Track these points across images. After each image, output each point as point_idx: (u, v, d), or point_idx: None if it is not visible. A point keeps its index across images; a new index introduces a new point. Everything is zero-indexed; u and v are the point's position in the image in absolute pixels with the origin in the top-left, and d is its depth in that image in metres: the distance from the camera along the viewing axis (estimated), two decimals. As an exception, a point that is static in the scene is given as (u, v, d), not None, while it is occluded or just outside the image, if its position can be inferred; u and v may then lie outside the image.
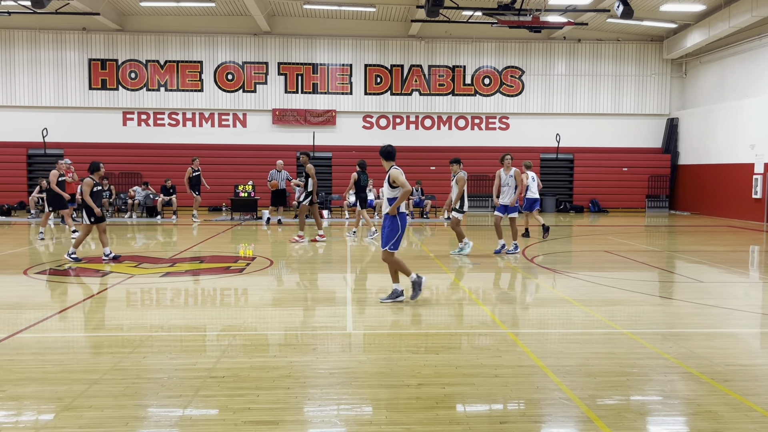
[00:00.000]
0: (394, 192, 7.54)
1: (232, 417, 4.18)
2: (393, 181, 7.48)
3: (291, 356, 5.53)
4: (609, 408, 4.41)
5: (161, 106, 24.29)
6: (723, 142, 22.29)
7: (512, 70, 25.11)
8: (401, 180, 7.43)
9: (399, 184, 7.46)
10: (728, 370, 5.22)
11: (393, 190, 7.53)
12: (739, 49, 21.64)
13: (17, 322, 6.73)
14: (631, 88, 25.42)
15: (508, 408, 4.43)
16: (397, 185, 7.49)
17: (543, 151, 25.32)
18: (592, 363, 5.38)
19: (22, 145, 23.57)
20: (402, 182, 7.43)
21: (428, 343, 6.00)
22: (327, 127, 24.67)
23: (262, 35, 24.28)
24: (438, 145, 24.77)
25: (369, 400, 4.55)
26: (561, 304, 7.85)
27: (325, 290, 8.95)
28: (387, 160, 7.69)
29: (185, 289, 8.77)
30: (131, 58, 24.05)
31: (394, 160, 7.72)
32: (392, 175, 7.49)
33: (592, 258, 12.32)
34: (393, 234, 7.55)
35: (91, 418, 4.14)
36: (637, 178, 25.12)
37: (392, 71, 24.76)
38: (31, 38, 23.67)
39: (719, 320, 7.11)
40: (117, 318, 6.92)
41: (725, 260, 11.86)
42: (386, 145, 7.78)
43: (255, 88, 24.48)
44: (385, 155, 7.69)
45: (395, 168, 7.57)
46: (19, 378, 4.89)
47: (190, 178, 19.31)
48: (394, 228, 7.55)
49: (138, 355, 5.50)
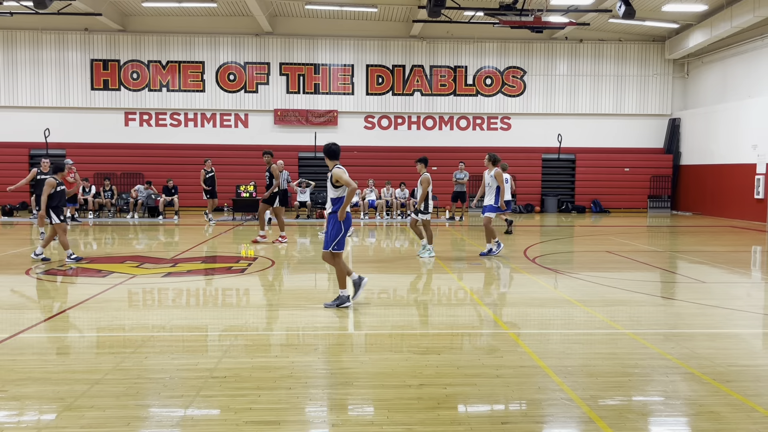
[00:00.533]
0: (338, 192, 7.35)
1: (233, 417, 4.18)
2: (336, 180, 7.28)
3: (293, 356, 5.53)
4: (611, 408, 4.41)
5: (163, 107, 24.32)
6: (725, 142, 22.26)
7: (514, 70, 25.10)
8: (345, 179, 7.23)
9: (343, 183, 7.27)
10: (730, 370, 5.21)
11: (336, 189, 7.35)
12: (741, 49, 21.61)
13: (19, 322, 6.74)
14: (633, 89, 25.39)
15: (510, 408, 4.43)
16: (341, 184, 7.30)
17: (545, 152, 25.30)
18: (593, 363, 5.38)
19: (24, 146, 23.60)
20: (346, 181, 7.23)
21: (430, 344, 5.99)
22: (329, 128, 24.67)
23: (263, 35, 24.29)
24: (439, 145, 24.76)
25: (370, 400, 4.55)
26: (563, 304, 7.85)
27: (327, 290, 8.94)
28: (331, 159, 7.47)
29: (187, 289, 8.78)
30: (133, 59, 24.07)
31: (338, 159, 7.52)
32: (335, 174, 7.27)
33: (594, 258, 12.31)
34: (337, 234, 7.37)
35: (93, 418, 4.15)
36: (639, 179, 25.08)
37: (394, 71, 24.76)
38: (34, 39, 23.70)
39: (721, 321, 7.10)
40: (119, 318, 6.92)
41: (727, 261, 11.84)
42: (330, 143, 7.56)
43: (257, 88, 24.49)
44: (329, 154, 7.48)
45: (338, 167, 7.35)
46: (21, 378, 4.90)
47: (204, 180, 19.37)
48: (337, 228, 7.37)
49: (140, 356, 5.51)
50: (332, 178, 7.31)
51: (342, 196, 7.33)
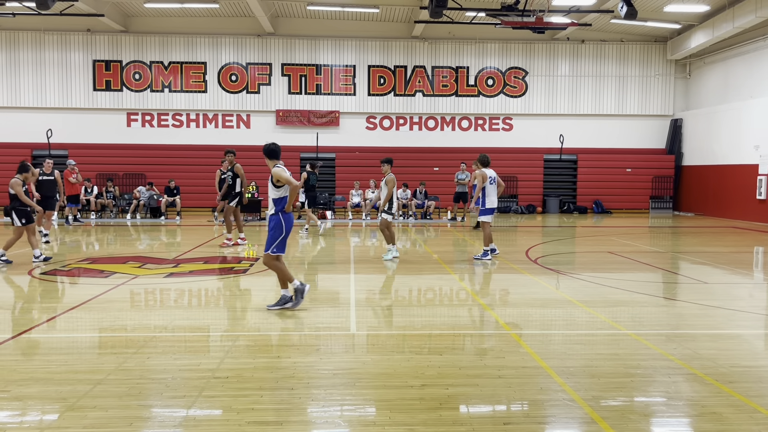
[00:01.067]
0: (279, 192, 7.17)
1: (236, 417, 4.19)
2: (277, 180, 7.10)
3: (295, 357, 5.54)
4: (613, 409, 4.40)
5: (165, 107, 24.35)
6: (727, 142, 22.23)
7: (516, 70, 25.09)
8: (286, 177, 7.03)
9: (284, 182, 7.09)
10: (732, 371, 5.21)
11: (278, 189, 7.17)
12: (743, 49, 21.59)
13: (22, 323, 6.75)
14: (635, 89, 25.37)
15: (512, 409, 4.43)
16: (282, 183, 7.12)
17: (546, 152, 25.29)
18: (595, 364, 5.38)
19: (26, 146, 23.63)
20: (287, 179, 7.04)
21: (432, 344, 5.99)
22: (330, 128, 24.69)
23: (265, 36, 24.31)
24: (441, 146, 24.77)
25: (372, 400, 4.55)
26: (564, 305, 7.84)
27: (329, 291, 8.95)
28: (271, 158, 7.30)
29: (189, 289, 8.78)
30: (135, 59, 24.11)
31: (279, 158, 7.35)
32: (275, 174, 7.09)
33: (596, 259, 12.30)
34: (277, 236, 7.20)
35: (96, 418, 4.15)
36: (640, 179, 25.06)
37: (395, 72, 24.77)
38: (36, 39, 23.75)
39: (723, 321, 7.10)
40: (121, 318, 6.93)
41: (729, 261, 11.83)
42: (270, 143, 7.39)
43: (258, 89, 24.51)
44: (269, 153, 7.30)
45: (278, 166, 7.17)
46: (24, 378, 4.91)
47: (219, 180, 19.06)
48: (278, 230, 7.20)
49: (142, 356, 5.52)
50: (273, 177, 7.12)
51: (284, 196, 7.17)
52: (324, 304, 7.91)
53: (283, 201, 7.19)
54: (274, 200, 7.25)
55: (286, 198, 7.17)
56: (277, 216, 7.24)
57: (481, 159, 11.73)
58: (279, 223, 7.22)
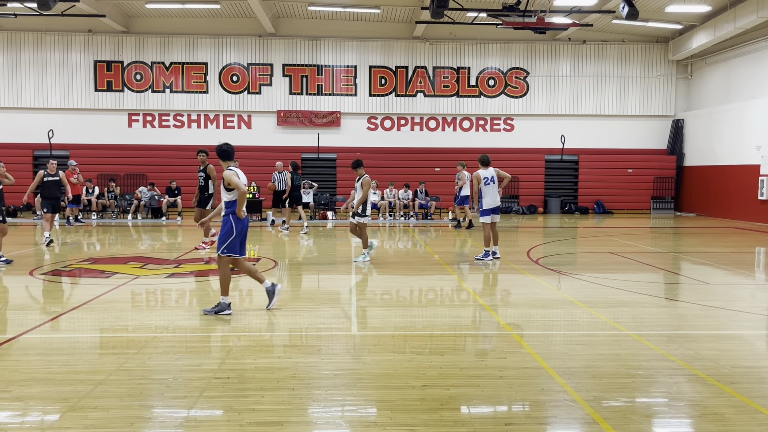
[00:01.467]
0: (230, 195, 7.05)
1: (236, 418, 4.18)
2: (228, 183, 6.99)
3: (295, 357, 5.54)
4: (614, 410, 4.40)
5: (166, 108, 24.36)
6: (729, 143, 22.21)
7: (517, 71, 25.08)
8: (235, 181, 6.93)
9: (233, 186, 6.97)
10: (734, 372, 5.20)
11: (229, 192, 7.05)
12: (744, 50, 21.57)
13: (23, 323, 6.75)
14: (637, 90, 25.36)
15: (513, 409, 4.42)
16: (232, 187, 7.00)
17: (548, 153, 25.28)
18: (597, 365, 5.37)
19: (28, 147, 23.66)
20: (236, 184, 6.92)
21: (433, 345, 5.99)
22: (332, 129, 24.69)
23: (267, 37, 24.32)
24: (443, 146, 24.76)
25: (373, 401, 4.55)
26: (566, 305, 7.84)
27: (330, 291, 8.95)
28: (224, 160, 7.19)
29: (190, 290, 8.78)
30: (136, 60, 24.12)
31: (232, 159, 7.26)
32: (225, 177, 6.98)
33: (597, 259, 12.29)
34: (227, 237, 7.06)
35: (97, 418, 4.15)
36: (642, 180, 25.05)
37: (397, 72, 24.77)
38: (37, 40, 23.77)
39: (725, 322, 7.09)
40: (122, 319, 6.93)
41: (731, 262, 11.81)
42: (222, 144, 7.28)
43: (260, 89, 24.52)
44: (222, 155, 7.20)
45: (230, 169, 7.06)
46: (25, 379, 4.91)
47: None
48: (228, 232, 7.06)
49: (143, 356, 5.52)
50: (224, 181, 7.03)
51: (235, 199, 7.04)
52: (325, 304, 7.91)
53: (234, 204, 7.07)
54: (226, 203, 7.15)
55: (236, 201, 7.04)
56: (227, 218, 7.11)
57: (481, 159, 11.63)
58: (229, 226, 7.07)
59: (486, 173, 11.42)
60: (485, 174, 11.41)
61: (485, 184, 11.40)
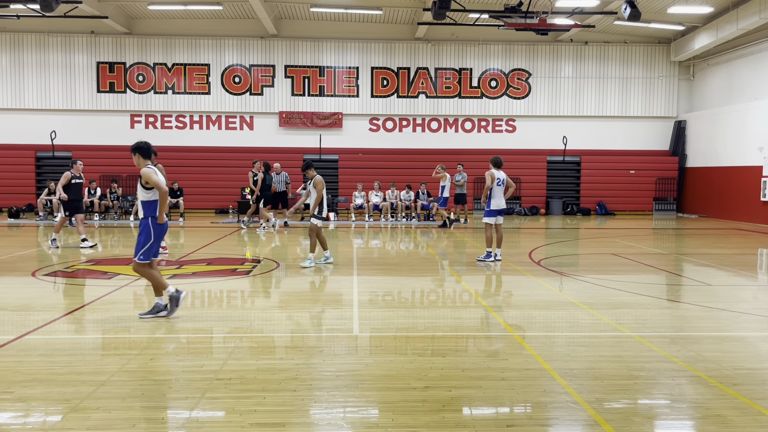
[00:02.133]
0: (149, 194, 6.70)
1: (238, 419, 4.19)
2: (146, 181, 6.65)
3: (297, 358, 5.54)
4: (616, 411, 4.39)
5: (168, 109, 24.40)
6: (731, 144, 22.18)
7: (519, 72, 25.08)
8: (154, 180, 6.59)
9: (153, 185, 6.63)
10: (737, 373, 5.19)
11: (147, 192, 6.71)
12: (747, 51, 21.54)
13: (25, 324, 6.76)
14: (639, 91, 25.34)
15: (515, 411, 4.42)
16: (151, 186, 6.68)
17: (550, 154, 25.27)
18: (599, 366, 5.36)
19: (30, 148, 23.71)
20: (155, 182, 6.59)
21: (435, 346, 5.99)
22: (333, 130, 24.71)
23: (269, 38, 24.35)
24: (444, 147, 24.76)
25: (375, 402, 4.55)
26: (568, 307, 7.83)
27: (332, 292, 8.95)
28: (144, 158, 6.85)
29: (192, 291, 8.79)
30: (139, 61, 24.17)
31: (150, 158, 6.96)
32: (144, 175, 6.63)
33: (599, 261, 12.28)
34: (145, 242, 6.70)
35: (99, 419, 4.16)
36: (644, 181, 25.02)
37: (399, 74, 24.78)
38: (40, 41, 23.82)
39: (727, 323, 7.07)
40: (124, 320, 6.94)
41: (733, 263, 11.79)
42: (140, 141, 6.98)
43: (262, 90, 24.54)
44: (140, 152, 6.85)
45: (149, 167, 6.74)
46: (27, 379, 4.92)
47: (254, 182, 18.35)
48: (146, 236, 6.70)
49: (145, 357, 5.52)
50: (142, 179, 6.68)
51: (154, 199, 6.72)
52: (327, 305, 7.91)
53: (153, 205, 6.75)
54: (143, 203, 6.79)
55: (157, 202, 6.72)
56: (146, 221, 6.76)
57: (494, 160, 11.67)
58: (147, 229, 6.73)
59: (499, 174, 11.50)
60: (498, 175, 11.47)
61: (497, 184, 11.46)
